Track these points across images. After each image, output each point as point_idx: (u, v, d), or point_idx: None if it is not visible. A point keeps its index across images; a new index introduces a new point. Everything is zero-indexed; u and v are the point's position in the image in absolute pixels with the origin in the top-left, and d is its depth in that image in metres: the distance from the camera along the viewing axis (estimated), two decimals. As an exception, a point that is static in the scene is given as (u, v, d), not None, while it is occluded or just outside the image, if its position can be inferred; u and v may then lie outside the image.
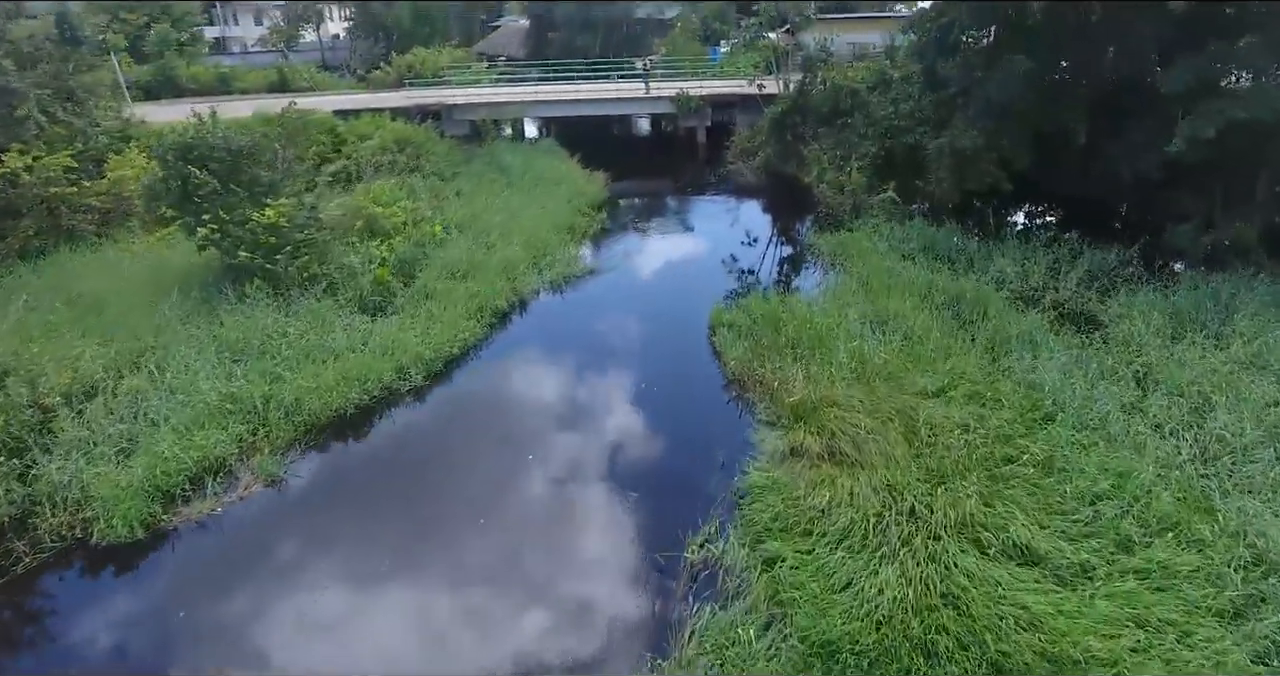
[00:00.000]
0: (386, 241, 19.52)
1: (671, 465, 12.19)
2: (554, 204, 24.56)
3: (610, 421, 13.59)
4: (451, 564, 10.32)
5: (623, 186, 30.55)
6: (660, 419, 13.57)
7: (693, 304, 18.13)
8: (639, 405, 14.04)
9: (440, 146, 30.35)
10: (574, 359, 15.97)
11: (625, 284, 19.91)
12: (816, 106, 28.87)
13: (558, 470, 12.27)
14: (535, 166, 28.73)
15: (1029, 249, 19.60)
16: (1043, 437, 11.38)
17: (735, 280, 20.07)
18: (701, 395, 14.24)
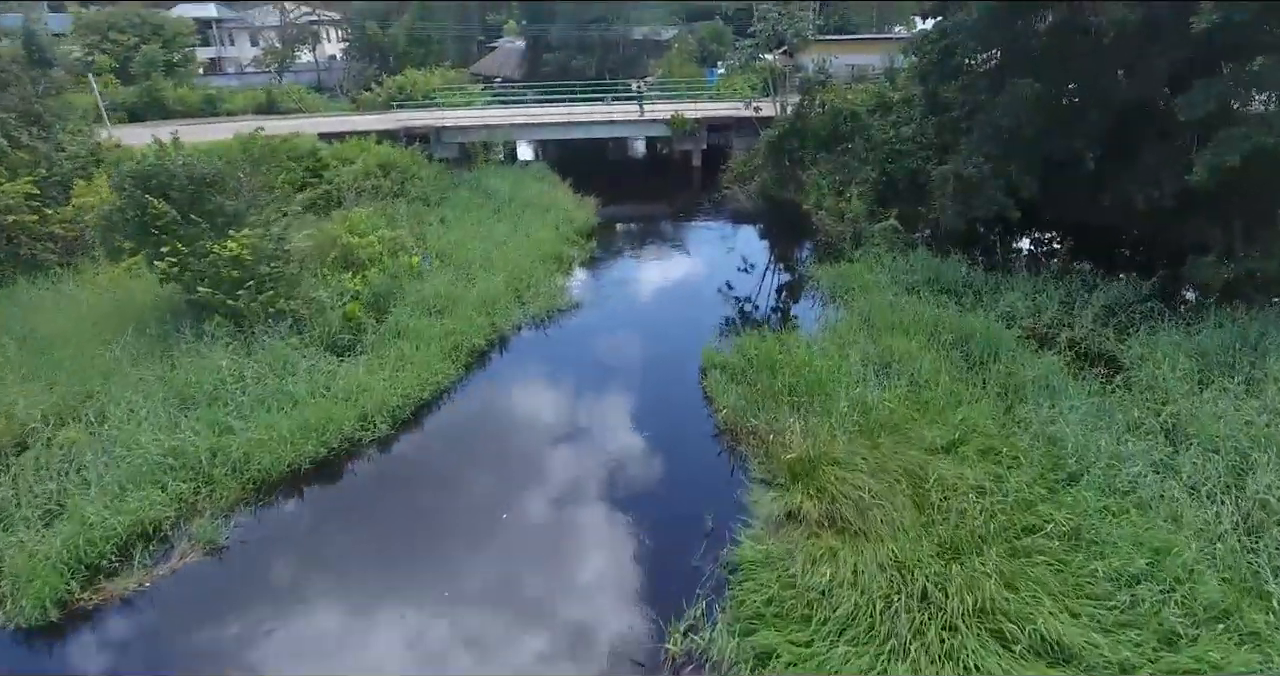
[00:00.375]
0: (361, 273, 18.45)
1: (655, 533, 10.99)
2: (541, 231, 23.54)
3: (589, 479, 12.41)
4: (402, 650, 9.12)
5: (615, 211, 29.59)
6: (644, 476, 12.41)
7: (683, 340, 17.04)
8: (622, 460, 12.88)
9: (427, 170, 29.42)
10: (552, 405, 14.83)
11: (612, 318, 18.82)
12: (815, 130, 27.98)
13: (530, 538, 11.09)
14: (524, 192, 27.77)
15: (1039, 281, 18.56)
16: (1067, 503, 10.22)
17: (729, 314, 18.97)
18: (690, 448, 13.08)
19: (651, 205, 31.75)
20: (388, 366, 14.84)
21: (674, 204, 31.45)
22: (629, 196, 32.88)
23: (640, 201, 32.45)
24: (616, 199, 31.42)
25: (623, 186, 34.04)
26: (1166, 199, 18.70)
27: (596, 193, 29.22)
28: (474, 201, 26.66)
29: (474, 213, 25.56)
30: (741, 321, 18.25)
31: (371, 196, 26.42)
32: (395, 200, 26.65)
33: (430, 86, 40.46)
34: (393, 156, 28.78)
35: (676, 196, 32.71)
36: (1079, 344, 15.64)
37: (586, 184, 29.91)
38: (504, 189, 27.85)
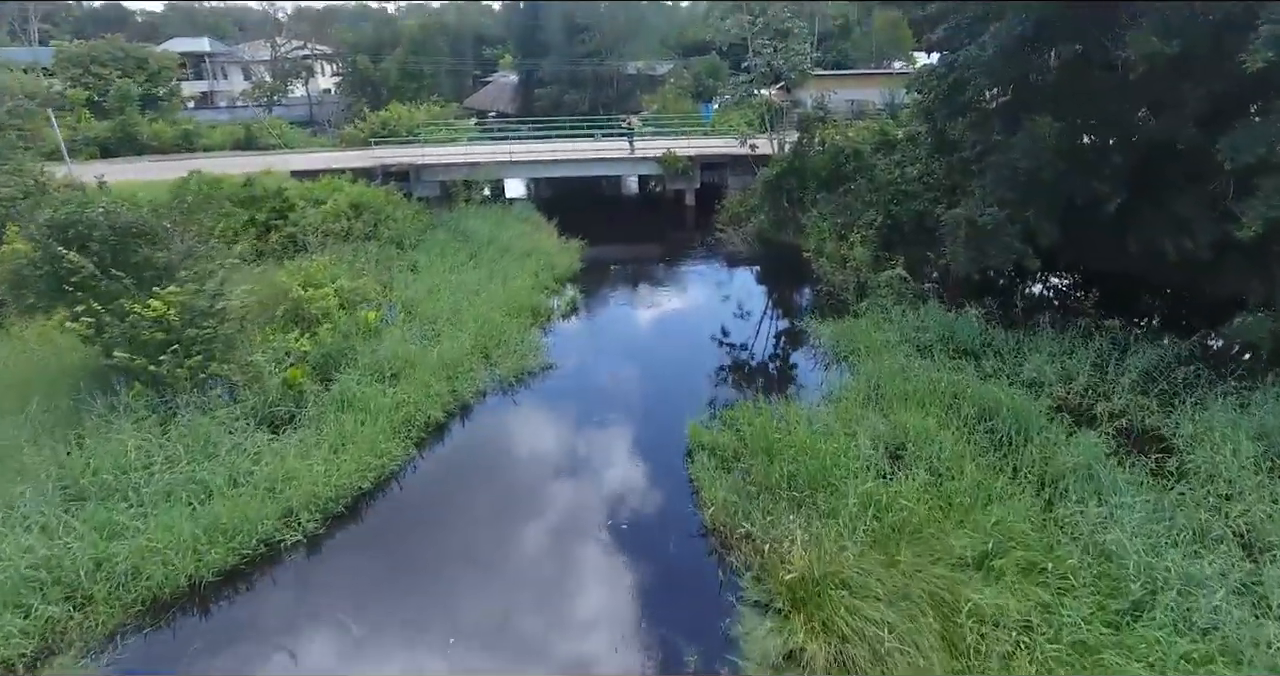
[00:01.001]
0: (310, 332, 16.55)
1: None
2: (519, 279, 21.72)
3: (545, 598, 10.33)
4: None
5: (603, 252, 27.86)
6: (611, 594, 10.32)
7: (668, 410, 15.08)
8: (586, 571, 10.81)
9: (404, 211, 27.74)
10: (508, 497, 12.73)
11: (589, 381, 16.86)
12: (814, 169, 26.36)
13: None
14: (504, 234, 26.03)
15: (1065, 340, 16.67)
16: (1139, 648, 8.18)
17: (720, 376, 17.01)
18: (669, 556, 11.00)
19: (642, 246, 30.02)
20: (325, 446, 12.85)
21: (666, 245, 29.73)
22: (619, 236, 31.22)
23: (630, 242, 30.74)
24: (606, 238, 29.74)
25: (613, 225, 32.44)
26: (1201, 249, 16.93)
27: (585, 233, 27.63)
28: (450, 245, 24.88)
29: (449, 257, 23.77)
30: (734, 385, 16.29)
31: (341, 239, 24.69)
32: (367, 243, 24.92)
33: (415, 121, 39.03)
34: (366, 196, 27.12)
35: (669, 237, 31.03)
36: (1119, 418, 13.66)
37: (575, 223, 28.32)
38: (484, 231, 26.11)
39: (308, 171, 30.05)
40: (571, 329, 19.94)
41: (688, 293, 23.53)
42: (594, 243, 27.78)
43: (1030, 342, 16.74)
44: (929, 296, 19.84)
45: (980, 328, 17.54)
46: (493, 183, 33.29)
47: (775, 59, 26.25)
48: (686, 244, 29.45)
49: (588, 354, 18.25)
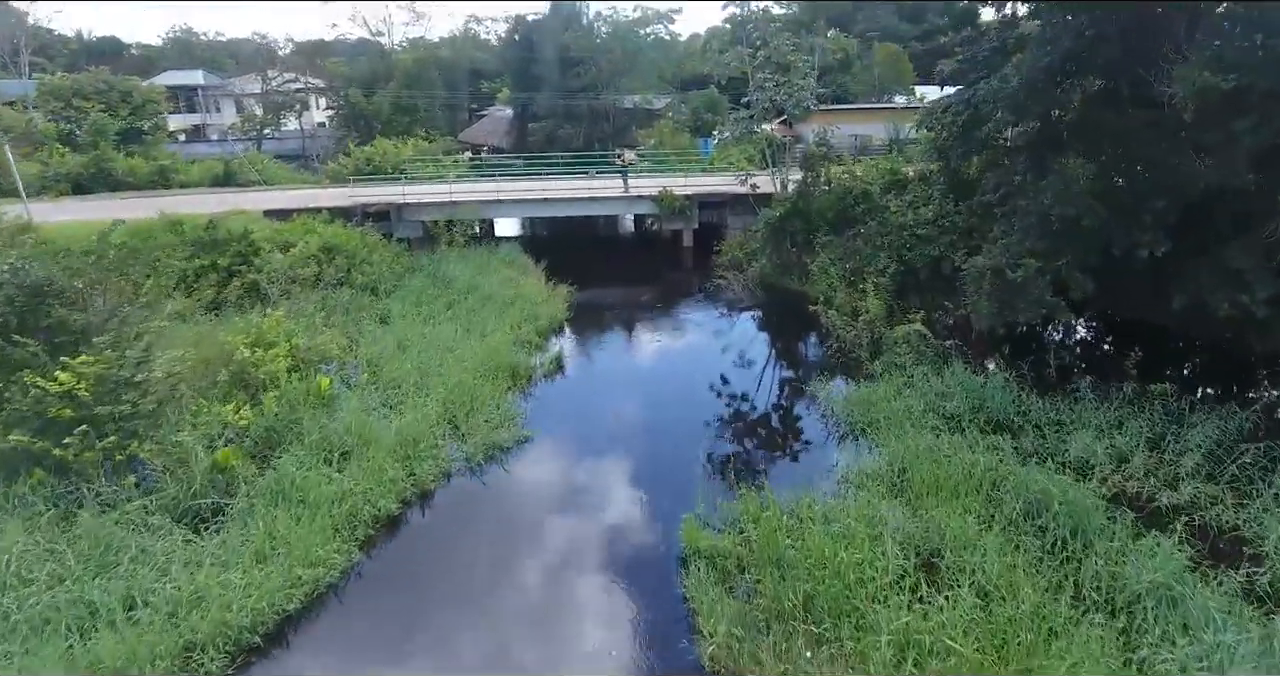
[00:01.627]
0: (251, 402, 14.57)
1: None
2: (499, 333, 19.80)
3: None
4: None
5: (595, 297, 26.04)
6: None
7: (659, 497, 13.05)
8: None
9: (381, 254, 25.93)
10: (462, 617, 10.58)
11: (569, 457, 14.82)
12: (820, 210, 24.60)
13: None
14: (487, 280, 24.19)
15: (1108, 409, 14.70)
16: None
17: (720, 454, 14.92)
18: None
19: (636, 290, 28.15)
20: (250, 551, 10.77)
21: (662, 289, 27.89)
22: (613, 277, 29.40)
23: (625, 283, 28.89)
24: (599, 280, 28.05)
25: (607, 266, 30.64)
26: (1257, 305, 15.03)
27: (577, 274, 25.96)
28: (427, 292, 23.01)
29: (425, 307, 21.90)
30: (736, 465, 14.21)
31: (310, 286, 22.83)
32: (338, 290, 23.07)
33: (400, 157, 37.47)
34: (340, 238, 25.32)
35: (665, 279, 29.21)
36: (1188, 514, 11.62)
37: (567, 263, 26.68)
38: (465, 277, 24.26)
39: (282, 211, 28.32)
40: (554, 392, 17.92)
41: (684, 347, 21.56)
42: (586, 285, 26.04)
43: (1071, 412, 14.77)
44: (951, 355, 17.89)
45: (1012, 393, 15.56)
46: (482, 222, 31.57)
47: (778, 93, 24.64)
48: (684, 288, 27.59)
49: (570, 423, 16.21)
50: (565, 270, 27.06)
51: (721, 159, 37.97)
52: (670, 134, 44.12)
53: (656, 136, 46.32)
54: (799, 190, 24.87)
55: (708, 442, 15.15)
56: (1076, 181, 17.14)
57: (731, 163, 37.23)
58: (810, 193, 24.47)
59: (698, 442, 15.06)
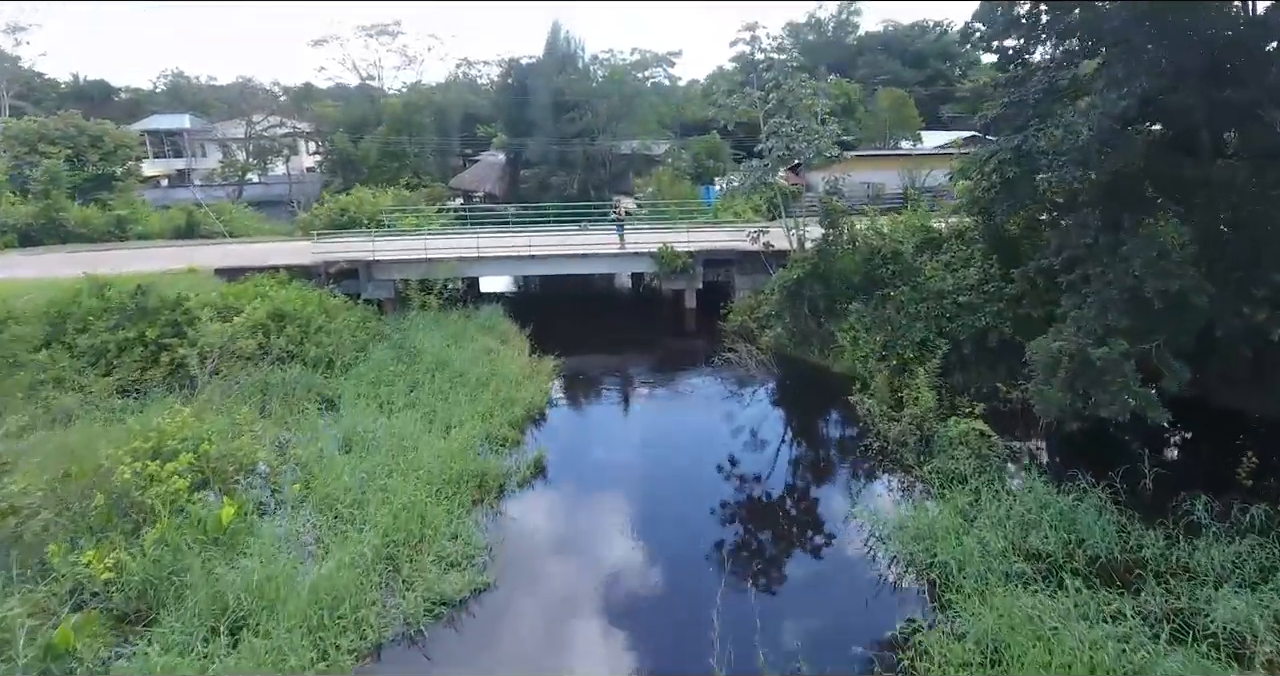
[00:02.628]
0: (137, 535, 11.16)
1: None
2: (469, 424, 16.48)
3: None
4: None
5: (585, 367, 22.82)
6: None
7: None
8: None
9: (343, 319, 22.73)
10: None
11: (537, 619, 11.28)
12: (844, 272, 21.50)
13: None
14: (460, 353, 20.92)
15: (1237, 539, 11.35)
16: None
17: (734, 607, 11.37)
18: None
19: (633, 358, 24.91)
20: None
21: (662, 358, 24.67)
22: (607, 343, 26.13)
23: (619, 352, 25.62)
24: (591, 346, 24.91)
25: (601, 330, 27.39)
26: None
27: (565, 341, 23.02)
28: (389, 369, 19.72)
29: (385, 388, 18.61)
30: (758, 621, 10.69)
31: (254, 361, 19.59)
32: (287, 365, 19.83)
33: (378, 206, 34.54)
34: (294, 303, 22.15)
35: (665, 346, 25.98)
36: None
37: (555, 328, 23.78)
38: (436, 348, 21.00)
39: (236, 269, 25.21)
40: (527, 508, 14.41)
41: (689, 441, 18.10)
42: (576, 351, 22.99)
43: (1193, 549, 11.38)
44: (1026, 462, 14.57)
45: (1113, 520, 12.18)
46: (464, 279, 28.42)
47: (797, 141, 21.72)
48: (688, 357, 24.34)
49: (542, 559, 12.69)
50: (553, 335, 23.96)
51: (726, 209, 35.08)
52: (670, 182, 41.39)
53: (655, 184, 43.64)
54: (819, 248, 21.79)
55: (720, 585, 11.62)
56: (1171, 247, 14.04)
57: (737, 213, 34.39)
58: (832, 251, 21.40)
59: (709, 586, 11.53)
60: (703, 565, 12.38)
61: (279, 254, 27.81)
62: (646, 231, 30.05)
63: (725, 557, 12.52)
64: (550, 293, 29.06)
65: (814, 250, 22.05)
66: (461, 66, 61.95)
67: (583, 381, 21.99)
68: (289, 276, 24.81)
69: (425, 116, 60.80)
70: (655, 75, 47.66)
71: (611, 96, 45.80)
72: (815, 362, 21.46)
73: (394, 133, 59.02)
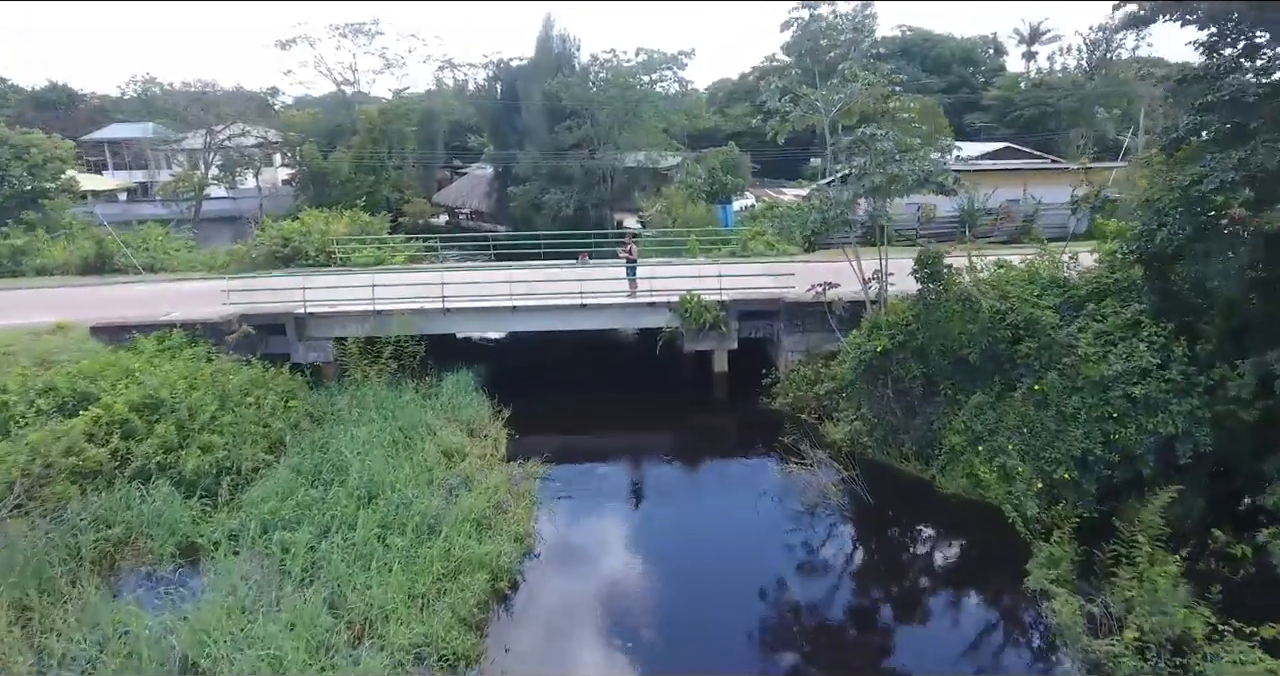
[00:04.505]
0: None
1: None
2: (399, 618, 10.13)
3: None
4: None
5: (583, 462, 16.64)
6: None
7: None
8: None
9: (252, 404, 16.42)
10: None
11: None
12: (950, 343, 15.13)
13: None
14: (405, 465, 14.56)
15: None
16: None
17: None
18: None
19: (648, 443, 18.64)
20: None
21: (687, 444, 18.41)
22: (612, 420, 19.65)
23: (629, 432, 19.27)
24: (591, 425, 18.88)
25: (603, 401, 20.80)
26: None
27: (559, 418, 17.88)
28: (299, 495, 13.36)
29: (284, 532, 12.24)
30: None
31: (104, 481, 13.30)
32: (155, 482, 13.51)
33: (331, 234, 28.25)
34: (177, 384, 15.81)
35: (689, 425, 19.63)
36: None
37: (544, 401, 18.06)
38: (372, 457, 14.63)
39: (120, 327, 18.85)
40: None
41: (717, 581, 11.78)
42: (572, 434, 17.35)
43: None
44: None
45: None
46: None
47: (901, 164, 15.26)
48: (720, 441, 18.15)
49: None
50: (542, 410, 17.90)
51: (754, 236, 28.83)
52: (682, 202, 35.14)
53: (664, 202, 37.45)
54: (915, 308, 15.44)
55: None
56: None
57: (770, 243, 28.16)
58: (934, 316, 15.07)
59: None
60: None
61: (196, 299, 21.40)
62: (658, 266, 23.79)
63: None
64: (540, 345, 22.85)
65: (906, 310, 15.73)
66: (444, 69, 55.30)
67: (582, 492, 15.63)
68: (188, 337, 18.50)
69: (406, 125, 54.61)
70: (664, 77, 41.48)
71: (613, 102, 39.58)
72: (911, 474, 15.14)
73: (370, 143, 52.77)
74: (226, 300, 19.77)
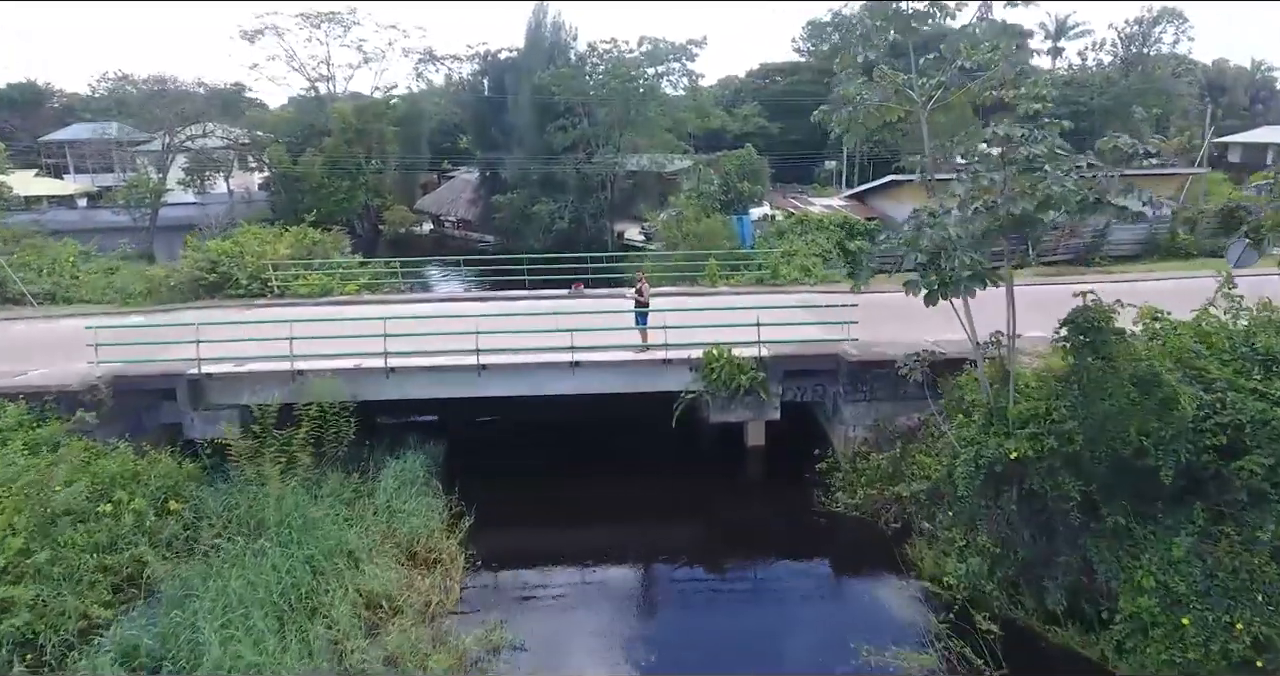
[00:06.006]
0: None
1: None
2: None
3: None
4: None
5: (566, 574, 11.63)
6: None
7: None
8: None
9: (124, 505, 11.46)
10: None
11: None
12: (1124, 450, 10.02)
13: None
14: (301, 634, 9.53)
15: None
16: None
17: None
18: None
19: (658, 547, 13.65)
20: None
21: (715, 548, 13.46)
22: (614, 515, 14.57)
23: (634, 533, 14.21)
24: (581, 527, 13.80)
25: (604, 483, 15.60)
26: None
27: (543, 514, 13.48)
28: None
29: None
30: None
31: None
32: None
33: (276, 254, 23.20)
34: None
35: (718, 520, 14.63)
36: None
37: (524, 486, 13.92)
38: (245, 627, 9.60)
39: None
40: None
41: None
42: (556, 540, 12.58)
43: None
44: None
45: None
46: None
47: (1064, 179, 10.01)
48: (758, 553, 13.16)
49: None
50: (517, 512, 13.15)
51: (788, 260, 23.77)
52: (694, 214, 30.08)
53: (672, 213, 32.39)
54: (1065, 391, 10.36)
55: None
56: None
57: (807, 269, 23.12)
58: (1093, 404, 10.01)
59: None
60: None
61: (82, 347, 16.21)
62: (670, 296, 18.78)
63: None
64: (520, 410, 17.79)
65: (1049, 392, 10.65)
66: (425, 62, 50.20)
67: (571, 646, 10.61)
68: (32, 412, 13.47)
69: (386, 125, 49.56)
70: (671, 70, 36.39)
71: (613, 98, 34.51)
72: (1061, 644, 10.10)
73: (345, 144, 47.74)
74: (95, 356, 14.67)
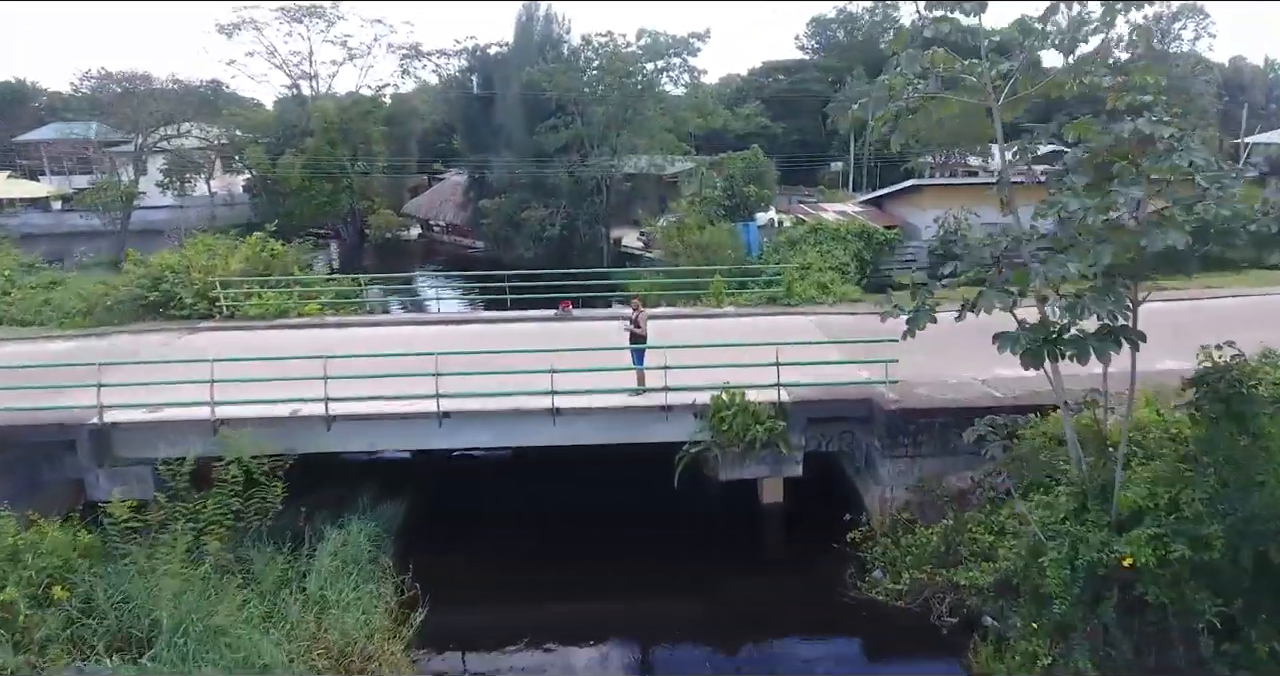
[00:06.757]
0: None
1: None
2: None
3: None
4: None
5: (540, 639, 9.11)
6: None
7: None
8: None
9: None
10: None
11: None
12: (1276, 558, 7.46)
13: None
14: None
15: None
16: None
17: None
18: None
19: (661, 632, 11.08)
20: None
21: (725, 632, 10.89)
22: (598, 600, 12.04)
23: (630, 616, 11.73)
24: (563, 612, 11.18)
25: (593, 551, 13.01)
26: None
27: (510, 598, 10.81)
28: None
29: None
30: None
31: None
32: None
33: (227, 269, 20.66)
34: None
35: (727, 593, 12.08)
36: None
37: (489, 559, 11.26)
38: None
39: None
40: None
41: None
42: (530, 632, 9.78)
43: None
44: None
45: None
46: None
47: (1225, 201, 7.32)
48: (774, 623, 10.66)
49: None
50: (481, 595, 10.71)
51: (802, 276, 21.24)
52: (696, 221, 27.58)
53: (672, 218, 29.90)
54: (1197, 473, 7.80)
55: None
56: None
57: (825, 286, 20.61)
58: (1236, 492, 7.44)
59: None
60: None
61: None
62: (668, 319, 16.26)
63: None
64: (490, 459, 15.21)
65: (1171, 471, 8.13)
66: (410, 58, 47.69)
67: None
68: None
69: (371, 124, 47.08)
70: (672, 65, 33.87)
71: (609, 95, 32.00)
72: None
73: (328, 145, 45.24)
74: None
